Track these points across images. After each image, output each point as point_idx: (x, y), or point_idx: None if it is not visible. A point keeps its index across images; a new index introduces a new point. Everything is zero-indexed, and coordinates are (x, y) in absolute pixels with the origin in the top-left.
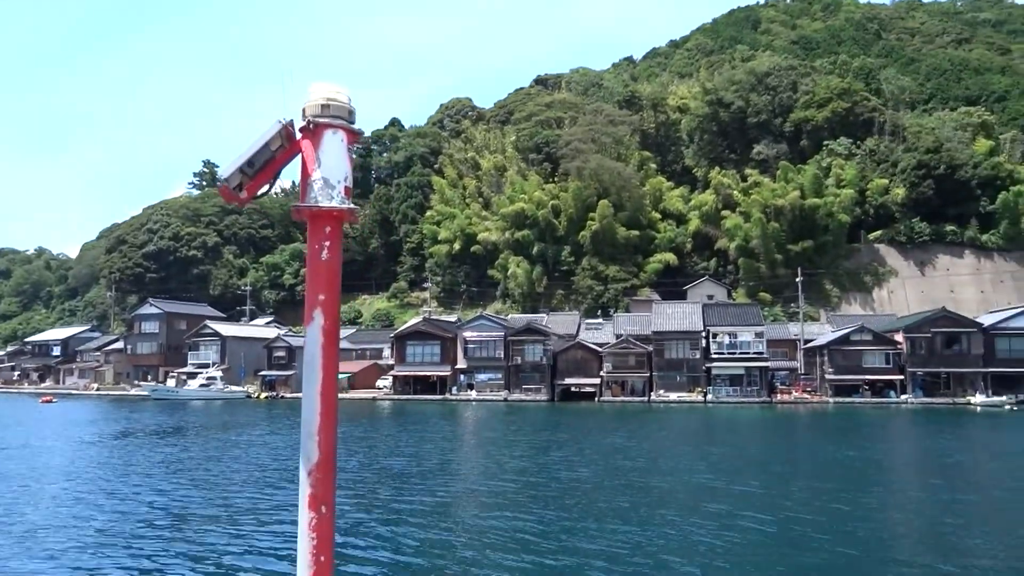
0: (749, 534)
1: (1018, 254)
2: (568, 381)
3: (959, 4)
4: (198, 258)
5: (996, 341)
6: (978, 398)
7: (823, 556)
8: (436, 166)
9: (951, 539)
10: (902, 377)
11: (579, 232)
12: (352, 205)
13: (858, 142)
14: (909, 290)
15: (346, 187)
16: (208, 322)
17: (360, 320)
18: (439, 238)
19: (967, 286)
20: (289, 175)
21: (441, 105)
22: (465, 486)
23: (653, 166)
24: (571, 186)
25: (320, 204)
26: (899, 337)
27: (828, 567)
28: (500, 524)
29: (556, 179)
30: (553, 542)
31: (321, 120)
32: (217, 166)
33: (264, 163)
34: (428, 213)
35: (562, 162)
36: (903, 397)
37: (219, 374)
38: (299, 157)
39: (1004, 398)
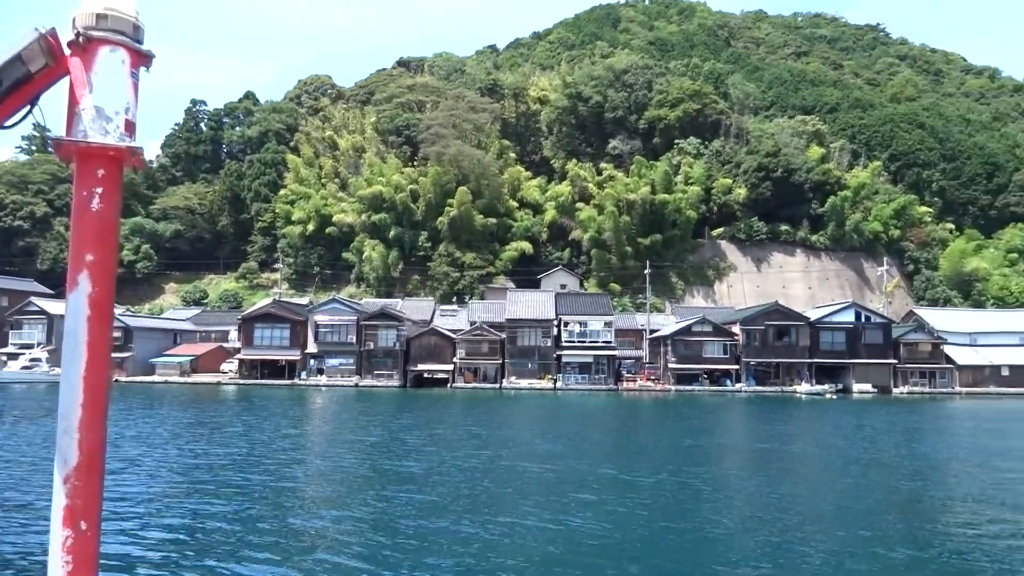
0: (593, 522)
1: (842, 254)
2: (421, 367)
3: (800, 20)
4: (24, 229)
5: (821, 334)
6: (803, 387)
7: (661, 541)
8: (292, 144)
9: (777, 516)
10: (738, 367)
11: (437, 218)
12: (136, 144)
13: (706, 142)
14: (746, 285)
15: (127, 120)
16: (33, 299)
17: (206, 301)
18: (293, 218)
19: (797, 282)
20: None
21: (300, 81)
22: (302, 477)
23: (512, 155)
24: (430, 171)
25: (90, 140)
26: (736, 329)
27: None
28: (347, 521)
29: (416, 163)
30: (398, 539)
31: (95, 34)
32: (49, 130)
33: (16, 82)
34: (282, 192)
35: (422, 146)
36: (738, 386)
37: (44, 355)
38: (67, 79)
39: (826, 387)
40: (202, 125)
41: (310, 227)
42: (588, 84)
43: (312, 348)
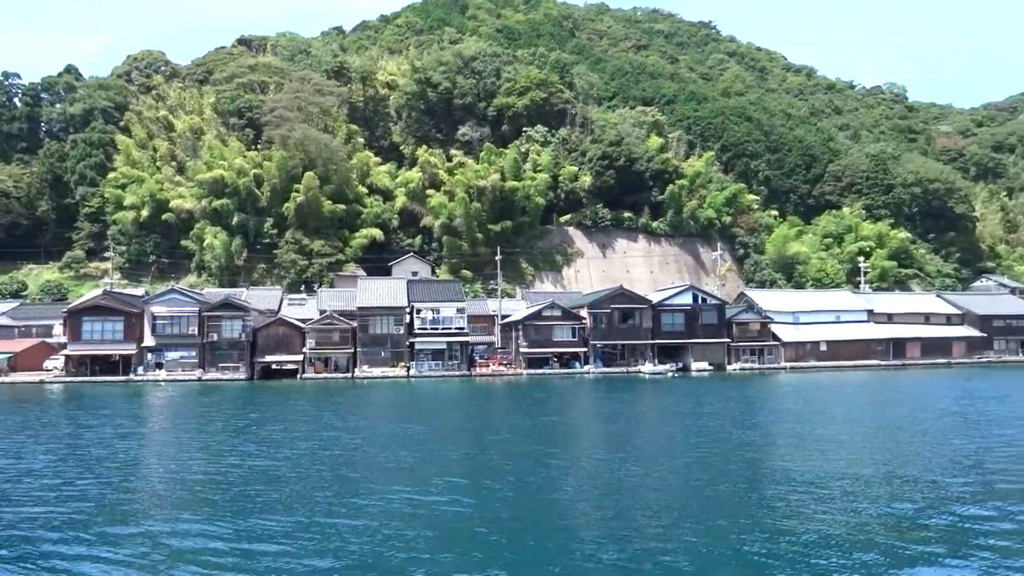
0: (444, 514)
1: (680, 240)
2: (269, 358)
3: (639, 14)
4: None
5: (662, 316)
6: (647, 367)
7: (516, 525)
8: (122, 123)
9: (625, 495)
10: (586, 349)
11: (283, 204)
12: None
13: (553, 131)
14: (593, 270)
15: None
16: None
17: (25, 293)
18: (125, 203)
19: (640, 267)
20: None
21: (129, 56)
22: (140, 481)
23: (361, 140)
24: (275, 155)
25: None
26: (584, 312)
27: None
28: (187, 534)
29: (259, 147)
30: (240, 545)
31: None
32: None
33: None
34: (111, 175)
35: (266, 129)
36: (586, 368)
37: None
38: None
39: (667, 366)
40: (16, 101)
41: (144, 213)
42: (437, 70)
43: (149, 341)
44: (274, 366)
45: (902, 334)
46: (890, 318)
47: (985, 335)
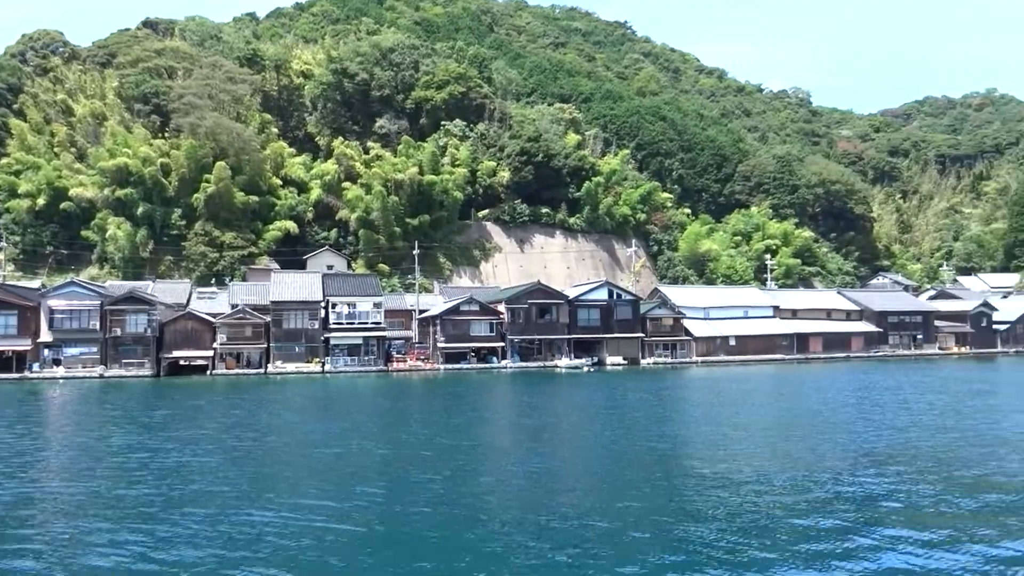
0: (370, 500)
1: (596, 236)
2: (177, 354)
3: (557, 12)
4: None
5: (578, 311)
6: (563, 362)
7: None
8: (15, 106)
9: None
10: (503, 344)
11: (192, 194)
12: None
13: (471, 125)
14: (511, 265)
15: None
16: None
17: None
18: (19, 191)
19: (557, 262)
20: None
21: (24, 35)
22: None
23: (275, 130)
24: (184, 144)
25: None
26: (502, 308)
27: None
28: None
29: (167, 135)
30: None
31: None
32: None
33: None
34: (4, 161)
35: (174, 116)
36: (504, 362)
37: None
38: None
39: (583, 360)
40: None
41: (41, 201)
42: (354, 61)
43: (46, 337)
44: (182, 362)
45: (805, 329)
46: (794, 314)
47: (881, 330)
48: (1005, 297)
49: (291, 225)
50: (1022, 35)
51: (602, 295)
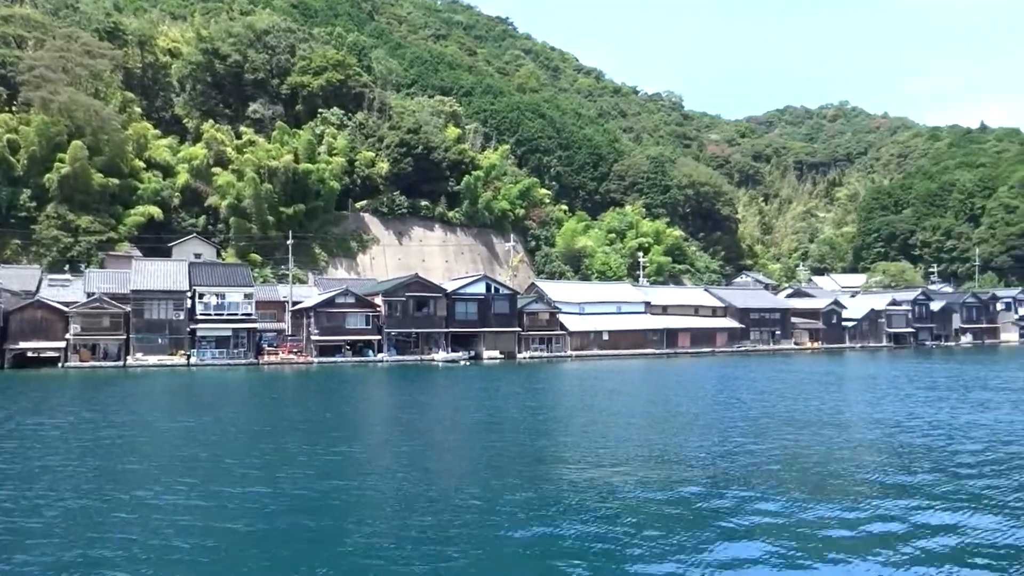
0: (239, 500)
1: (475, 230)
2: (24, 345)
3: (439, 3)
4: None
5: (456, 305)
6: (440, 355)
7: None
8: None
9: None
10: (379, 337)
11: (44, 174)
12: None
13: (350, 114)
14: (389, 257)
15: None
16: None
17: None
18: None
19: (436, 255)
20: None
21: None
22: None
23: (138, 110)
24: (35, 120)
25: None
26: (378, 300)
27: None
28: None
29: (15, 109)
30: None
31: None
32: None
33: None
34: None
35: (23, 90)
36: (380, 356)
37: None
38: None
39: (460, 354)
40: None
41: None
42: (226, 41)
43: None
44: (30, 354)
45: (674, 325)
46: (664, 310)
47: (743, 326)
48: (853, 296)
49: (155, 210)
50: (871, 53)
51: (480, 289)
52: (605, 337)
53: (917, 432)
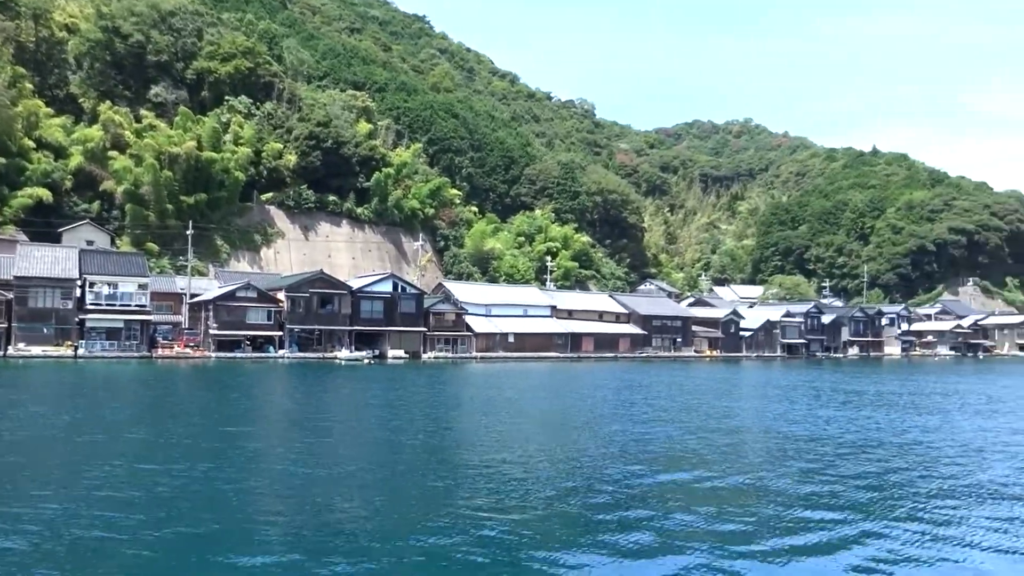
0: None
1: (383, 228)
2: None
3: None
4: None
5: (361, 303)
6: (343, 353)
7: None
8: None
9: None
10: (281, 333)
11: None
12: None
13: (258, 103)
14: (294, 252)
15: None
16: None
17: None
18: None
19: (342, 252)
20: None
21: None
22: None
23: (30, 86)
24: None
25: None
26: (281, 295)
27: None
28: None
29: None
30: None
31: None
32: None
33: None
34: None
35: None
36: (281, 352)
37: None
38: None
39: (364, 353)
40: None
41: None
42: (128, 20)
43: None
44: None
45: (579, 329)
46: (570, 314)
47: (646, 333)
48: (751, 307)
49: (44, 193)
50: (775, 74)
51: (387, 288)
52: (511, 339)
53: (791, 438)
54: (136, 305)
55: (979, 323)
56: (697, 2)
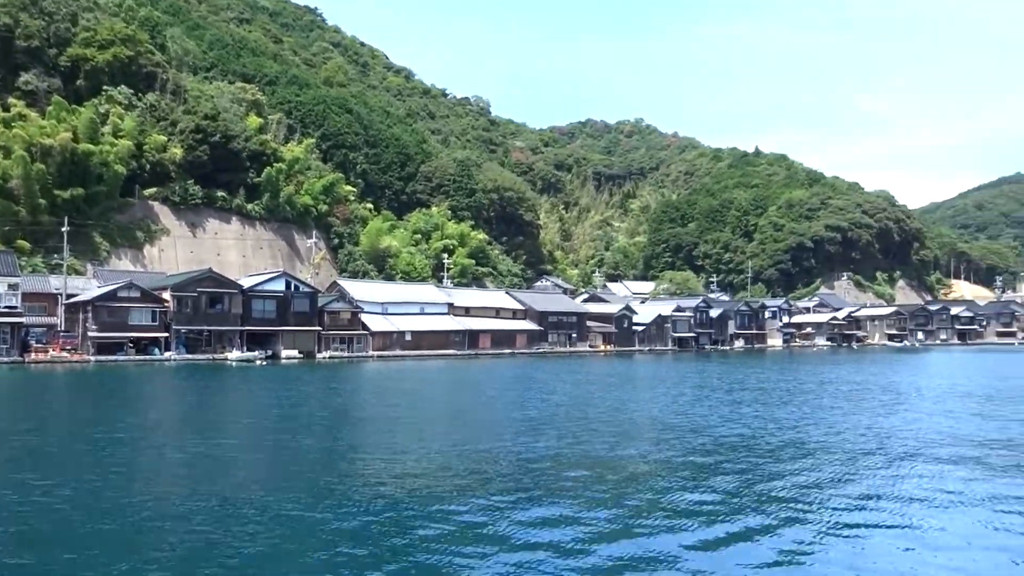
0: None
1: (275, 224)
2: None
3: None
4: None
5: (253, 302)
6: (234, 354)
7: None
8: None
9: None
10: (168, 334)
11: None
12: None
13: (139, 94)
14: (180, 250)
15: None
16: None
17: None
18: None
19: (232, 250)
20: None
21: None
22: None
23: None
24: None
25: None
26: (167, 295)
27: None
28: None
29: None
30: None
31: None
32: None
33: None
34: None
35: None
36: (167, 354)
37: None
38: None
39: (256, 353)
40: None
41: None
42: None
43: None
44: None
45: (476, 326)
46: (467, 311)
47: (542, 329)
48: (643, 302)
49: None
50: (662, 76)
51: (279, 286)
52: (408, 338)
53: (676, 429)
54: (5, 306)
55: (853, 315)
56: (590, 4)
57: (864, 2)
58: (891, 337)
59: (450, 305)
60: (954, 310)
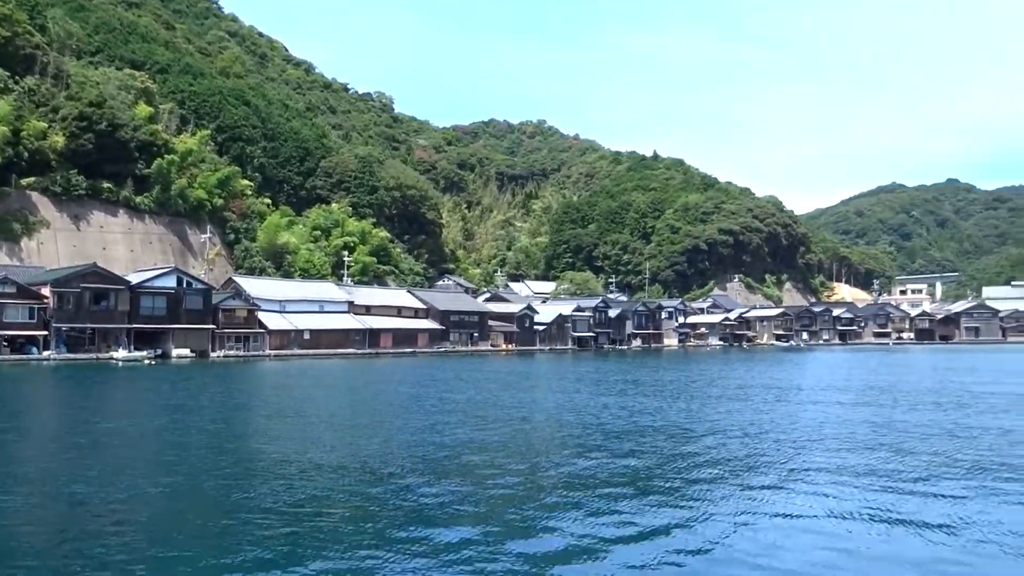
0: None
1: (166, 218)
2: None
3: None
4: None
5: (142, 299)
6: (121, 353)
7: None
8: None
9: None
10: (47, 333)
11: None
12: None
13: (17, 77)
14: (61, 243)
15: None
16: None
17: None
18: None
19: (119, 244)
20: None
21: None
22: None
23: None
24: None
25: None
26: (46, 291)
27: None
28: None
29: None
30: None
31: None
32: None
33: None
34: None
35: None
36: (46, 353)
37: None
38: None
39: (144, 352)
40: None
41: None
42: None
43: None
44: None
45: (377, 325)
46: (368, 310)
47: (444, 328)
48: (544, 302)
49: None
50: (564, 78)
51: (170, 282)
52: (306, 336)
53: (576, 426)
54: None
55: (743, 316)
56: (492, 5)
57: (757, 16)
58: (779, 337)
59: (350, 303)
60: (836, 312)
